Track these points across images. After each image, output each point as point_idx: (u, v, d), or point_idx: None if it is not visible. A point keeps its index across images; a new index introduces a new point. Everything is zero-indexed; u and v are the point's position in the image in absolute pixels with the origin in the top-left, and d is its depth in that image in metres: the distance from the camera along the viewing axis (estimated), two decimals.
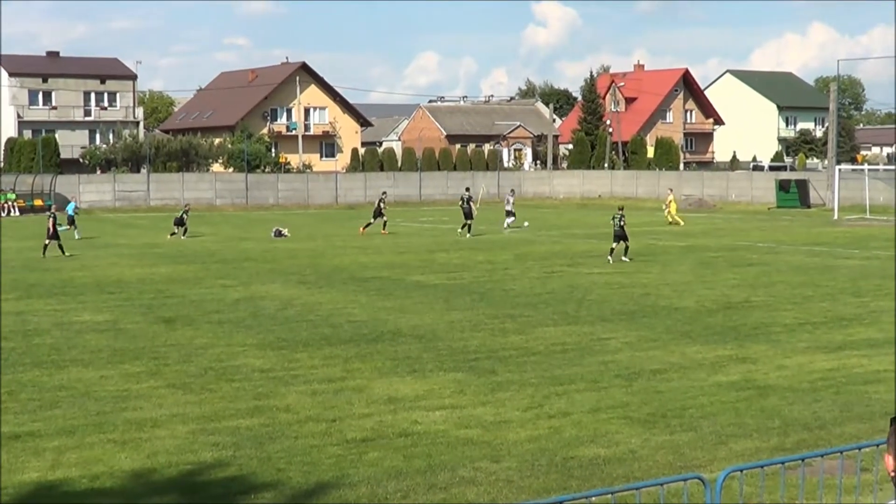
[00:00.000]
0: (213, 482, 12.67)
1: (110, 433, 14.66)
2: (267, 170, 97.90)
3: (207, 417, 15.52)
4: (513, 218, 59.92)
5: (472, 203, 54.62)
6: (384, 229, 55.15)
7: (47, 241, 41.84)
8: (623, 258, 39.06)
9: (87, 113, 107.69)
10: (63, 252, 41.43)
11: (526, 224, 61.02)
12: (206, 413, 15.79)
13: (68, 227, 52.11)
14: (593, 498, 7.09)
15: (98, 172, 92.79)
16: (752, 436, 14.46)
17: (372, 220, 55.68)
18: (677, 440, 14.27)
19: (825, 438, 14.15)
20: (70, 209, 56.34)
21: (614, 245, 39.37)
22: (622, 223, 38.94)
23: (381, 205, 55.35)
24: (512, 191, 67.08)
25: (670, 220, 62.46)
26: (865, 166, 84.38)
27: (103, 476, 12.84)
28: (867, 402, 16.42)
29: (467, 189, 60.15)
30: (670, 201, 64.64)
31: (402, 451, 13.75)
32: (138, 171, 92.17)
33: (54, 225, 42.01)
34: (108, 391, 17.31)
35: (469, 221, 53.87)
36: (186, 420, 15.38)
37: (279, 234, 52.96)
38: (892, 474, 5.10)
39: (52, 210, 47.58)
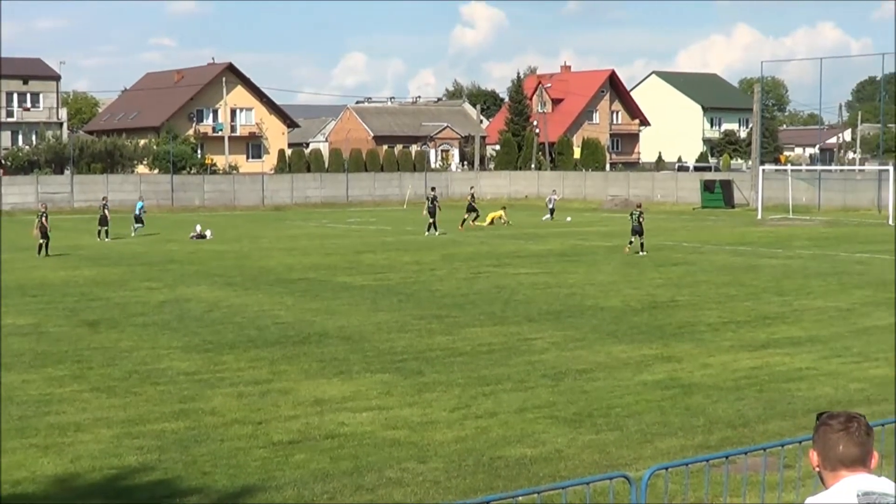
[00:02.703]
0: (138, 486, 12.55)
1: (33, 438, 14.48)
2: (193, 171, 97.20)
3: (132, 421, 15.37)
4: (549, 215, 68.16)
5: (436, 203, 55.59)
6: (474, 221, 59.78)
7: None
8: (640, 252, 41.60)
9: (10, 114, 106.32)
10: None
11: (568, 219, 67.32)
12: (130, 417, 15.64)
13: None
14: (519, 498, 7.09)
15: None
16: (677, 434, 14.57)
17: (466, 215, 59.97)
18: (603, 439, 14.35)
19: (749, 436, 14.28)
20: None
21: (632, 239, 42.50)
22: (641, 219, 42.10)
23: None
24: (554, 191, 75.71)
25: (503, 221, 62.53)
26: (788, 167, 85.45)
27: (25, 482, 12.67)
28: (790, 399, 16.61)
29: (433, 189, 61.27)
30: (502, 209, 65.11)
31: (328, 453, 13.71)
32: (62, 173, 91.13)
33: None
34: (31, 395, 17.09)
35: (432, 220, 54.81)
36: (111, 424, 15.23)
37: (201, 236, 52.38)
38: (817, 469, 5.16)
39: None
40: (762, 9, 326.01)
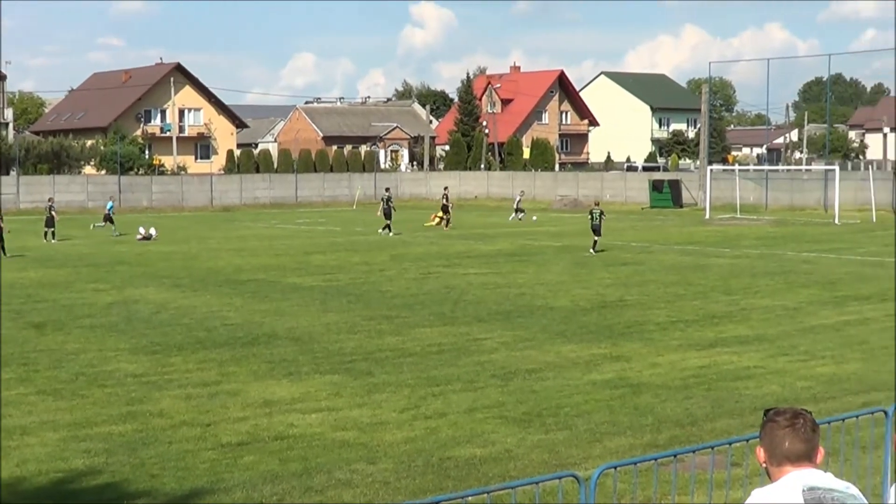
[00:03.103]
0: (86, 490, 12.45)
1: None
2: (140, 172, 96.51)
3: (79, 424, 15.25)
4: (522, 213, 68.73)
5: (391, 203, 55.96)
6: (447, 226, 59.82)
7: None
8: (590, 252, 42.13)
9: None
10: None
11: (535, 218, 68.49)
12: (77, 420, 15.51)
13: None
14: (469, 498, 7.08)
15: None
16: (626, 433, 14.63)
17: (440, 215, 61.03)
18: (552, 439, 14.38)
19: (697, 434, 14.36)
20: None
21: (596, 238, 42.84)
22: (601, 219, 42.80)
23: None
24: (522, 191, 76.03)
25: (436, 222, 62.70)
26: (736, 167, 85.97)
27: None
28: (737, 398, 16.71)
29: (387, 189, 61.61)
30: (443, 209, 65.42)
31: (277, 455, 13.66)
32: (7, 174, 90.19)
33: None
34: None
35: (389, 221, 55.09)
36: (57, 427, 15.09)
37: (146, 237, 51.93)
38: (763, 465, 5.27)
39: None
40: (710, 9, 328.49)
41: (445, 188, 66.58)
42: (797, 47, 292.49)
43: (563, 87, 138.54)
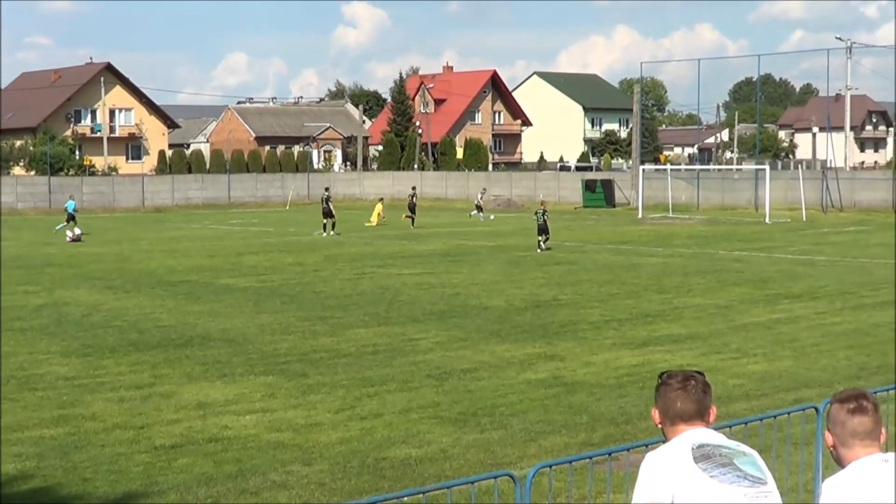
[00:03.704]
0: (17, 494, 12.31)
1: None
2: (71, 173, 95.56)
3: (9, 428, 15.06)
4: (482, 212, 69.40)
5: (330, 203, 56.12)
6: (413, 225, 60.81)
7: None
8: (539, 250, 42.97)
9: None
10: None
11: (492, 217, 68.87)
12: (8, 423, 15.31)
13: None
14: (405, 498, 7.09)
15: None
16: (561, 432, 14.68)
17: (412, 215, 62.42)
18: (488, 438, 14.40)
19: (631, 432, 14.43)
20: None
21: (540, 238, 43.54)
22: (545, 218, 43.54)
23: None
24: (484, 189, 76.84)
25: (375, 223, 62.86)
26: (668, 166, 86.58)
27: None
28: None
29: (326, 189, 61.71)
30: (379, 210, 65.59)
31: (212, 457, 13.58)
32: None
33: None
34: None
35: (328, 220, 55.37)
36: None
37: (77, 238, 51.34)
38: (659, 426, 5.56)
39: None
40: (641, 10, 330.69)
41: (413, 188, 67.40)
42: (727, 48, 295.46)
43: (496, 88, 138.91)
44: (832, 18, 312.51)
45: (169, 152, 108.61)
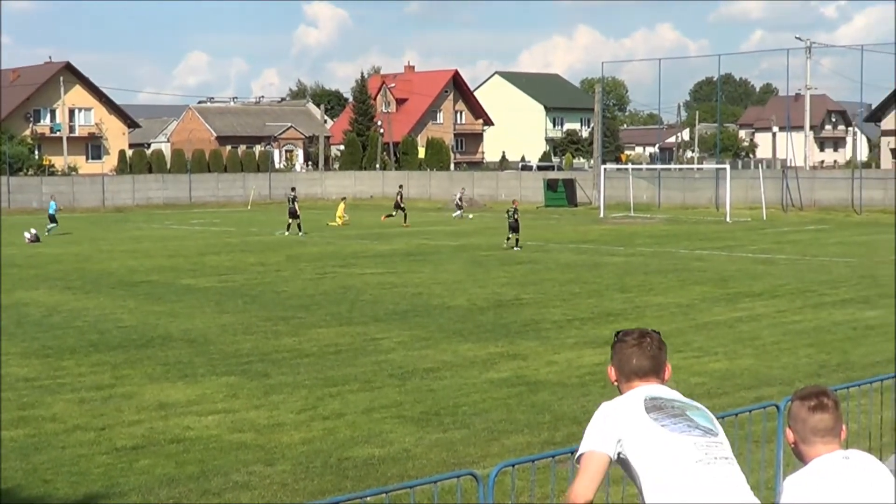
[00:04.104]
0: None
1: None
2: (30, 172, 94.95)
3: None
4: (460, 211, 70.65)
5: (296, 203, 56.45)
6: (405, 222, 61.49)
7: None
8: (515, 248, 43.55)
9: None
10: None
11: (470, 216, 69.97)
12: None
13: None
14: (368, 498, 7.07)
15: None
16: (524, 431, 14.70)
17: (393, 213, 63.89)
18: (450, 437, 14.40)
19: None
20: None
21: (510, 236, 44.58)
22: (516, 217, 44.62)
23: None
24: (463, 188, 78.46)
25: (340, 223, 62.80)
26: (629, 166, 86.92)
27: None
28: None
29: (293, 189, 61.78)
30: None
31: (174, 458, 13.52)
32: None
33: None
34: None
35: (293, 221, 55.55)
36: None
37: (36, 239, 50.94)
38: (615, 383, 5.76)
39: None
40: (602, 10, 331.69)
41: (400, 186, 68.80)
42: (688, 48, 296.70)
43: (458, 87, 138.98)
44: (792, 18, 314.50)
45: (129, 152, 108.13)
